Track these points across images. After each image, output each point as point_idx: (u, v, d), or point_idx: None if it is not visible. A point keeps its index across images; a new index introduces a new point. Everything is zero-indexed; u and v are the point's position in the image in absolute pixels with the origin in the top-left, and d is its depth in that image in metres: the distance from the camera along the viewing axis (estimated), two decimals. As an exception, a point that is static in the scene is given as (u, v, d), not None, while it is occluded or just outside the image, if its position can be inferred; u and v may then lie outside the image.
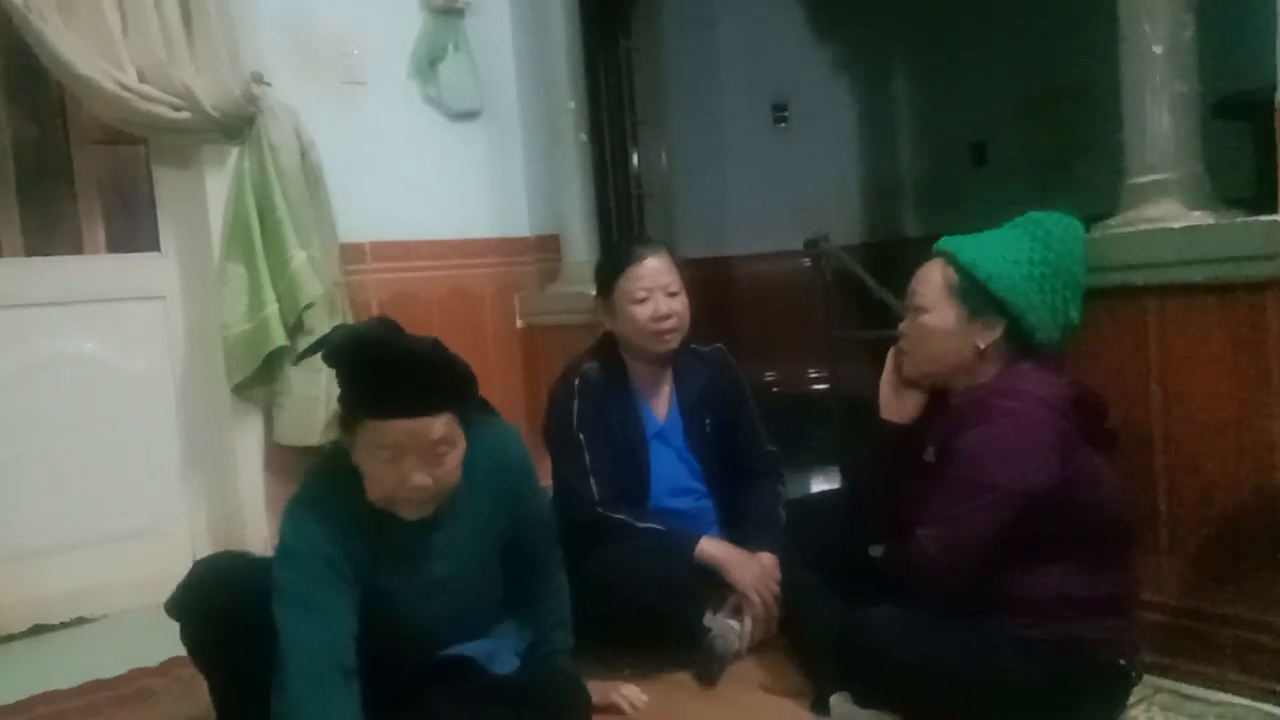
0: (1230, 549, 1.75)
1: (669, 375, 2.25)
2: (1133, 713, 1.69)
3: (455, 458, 1.50)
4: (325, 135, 2.88)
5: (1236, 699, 1.71)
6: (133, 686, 2.17)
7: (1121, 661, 1.61)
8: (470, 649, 1.67)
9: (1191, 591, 1.81)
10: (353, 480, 1.50)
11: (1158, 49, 1.76)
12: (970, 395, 1.65)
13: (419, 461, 1.45)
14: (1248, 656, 1.72)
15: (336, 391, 1.51)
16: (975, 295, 1.63)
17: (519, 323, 3.42)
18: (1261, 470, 1.69)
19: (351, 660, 1.48)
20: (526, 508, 1.72)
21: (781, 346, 4.44)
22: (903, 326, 1.74)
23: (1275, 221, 1.61)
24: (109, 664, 2.26)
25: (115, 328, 2.81)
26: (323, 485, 1.57)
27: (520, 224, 3.45)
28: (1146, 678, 1.73)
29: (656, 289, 2.13)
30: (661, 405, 2.25)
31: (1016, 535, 1.56)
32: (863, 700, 1.63)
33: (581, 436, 2.12)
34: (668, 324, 2.13)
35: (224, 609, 1.55)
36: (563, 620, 1.81)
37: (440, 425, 1.45)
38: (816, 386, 4.52)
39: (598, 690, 1.82)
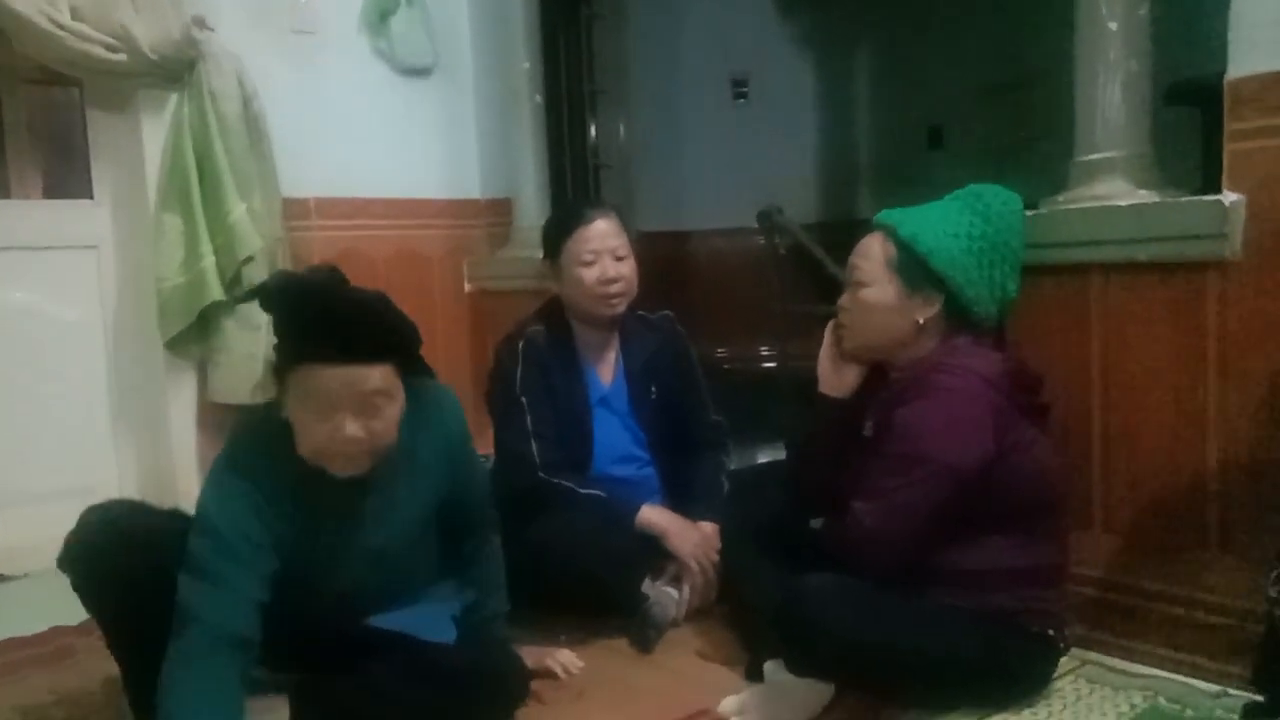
0: (1161, 526, 1.78)
1: (615, 341, 2.23)
2: (1059, 684, 1.70)
3: (392, 413, 1.43)
4: (270, 85, 2.80)
5: (1161, 672, 1.74)
6: (52, 645, 2.11)
7: (1050, 632, 1.63)
8: (403, 617, 1.63)
9: (1121, 566, 1.83)
10: (283, 438, 1.42)
11: (1113, 25, 1.76)
12: (908, 370, 1.65)
13: (353, 413, 1.38)
14: (1174, 631, 1.75)
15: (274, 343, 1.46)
16: (915, 270, 1.62)
17: (467, 286, 3.36)
18: (1195, 450, 1.72)
19: (248, 631, 1.41)
20: (464, 471, 1.67)
21: (734, 323, 4.43)
22: (842, 300, 1.73)
23: (1218, 201, 1.62)
24: (30, 622, 2.19)
25: (45, 277, 2.72)
26: (251, 445, 1.49)
27: (471, 186, 3.38)
28: (1074, 650, 1.75)
29: (604, 252, 2.10)
30: (607, 371, 2.22)
31: (952, 508, 1.56)
32: (798, 668, 1.63)
33: (524, 400, 2.09)
34: (614, 288, 2.10)
35: (113, 561, 1.46)
36: (498, 585, 1.77)
37: (377, 376, 1.39)
38: (767, 364, 4.54)
39: (532, 655, 1.79)
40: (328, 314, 1.38)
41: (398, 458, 1.51)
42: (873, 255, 1.66)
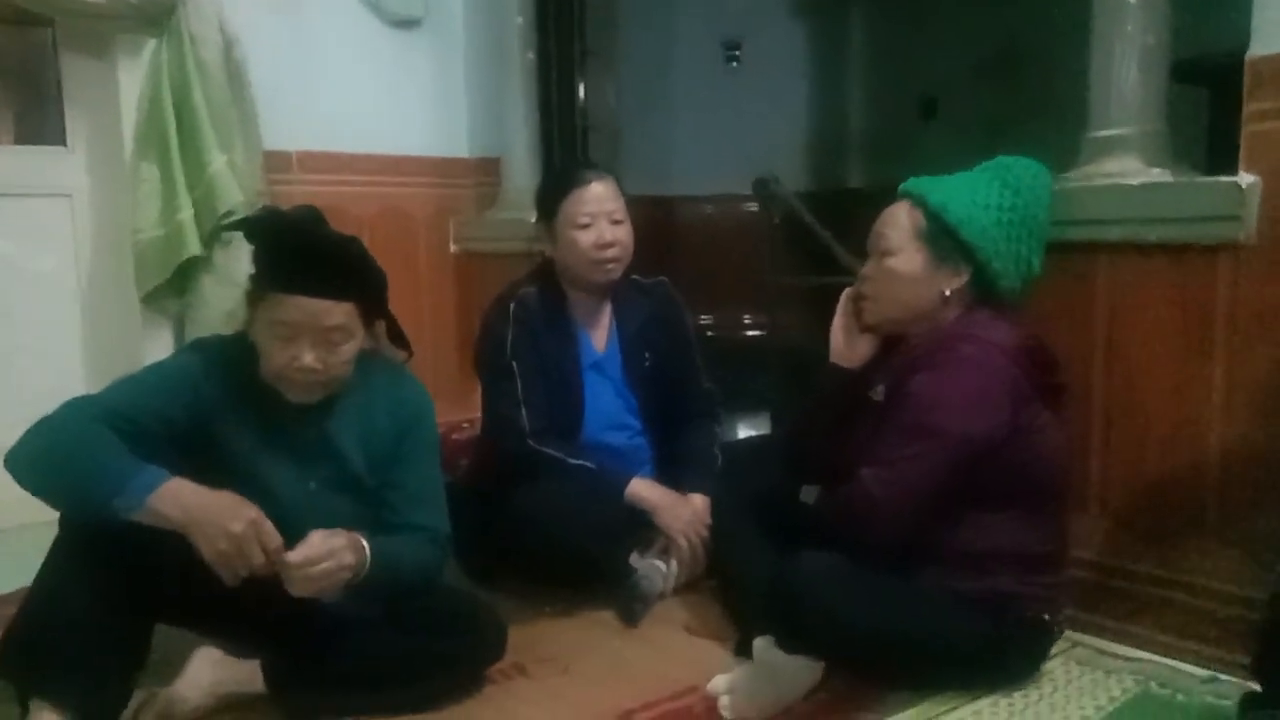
0: (1158, 510, 1.76)
1: (609, 306, 2.18)
2: (1049, 666, 1.69)
3: (348, 350, 1.51)
4: (253, 32, 2.69)
5: (1152, 656, 1.73)
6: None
7: (1046, 617, 1.62)
8: None
9: (1115, 549, 1.82)
10: (251, 356, 1.51)
11: (1132, -1, 1.72)
12: (928, 336, 1.61)
13: (312, 343, 1.46)
14: (1165, 616, 1.74)
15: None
16: (944, 240, 1.59)
17: (453, 247, 3.29)
18: (1196, 435, 1.70)
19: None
20: (410, 449, 1.64)
21: (720, 291, 4.40)
22: (866, 270, 1.69)
23: (1235, 183, 1.59)
24: (1, 579, 2.13)
25: (16, 226, 2.62)
26: (220, 349, 1.58)
27: (459, 144, 3.30)
28: (1065, 632, 1.74)
29: (601, 215, 2.04)
30: (600, 336, 2.17)
31: (960, 482, 1.54)
32: (788, 646, 1.61)
33: (514, 364, 2.04)
34: (610, 253, 2.05)
35: None
36: (404, 566, 1.60)
37: (339, 312, 1.47)
38: (751, 333, 4.50)
39: None
40: (300, 249, 1.47)
41: (353, 410, 1.59)
42: (900, 224, 1.62)
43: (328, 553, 1.42)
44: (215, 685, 1.54)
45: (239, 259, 2.58)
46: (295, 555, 1.39)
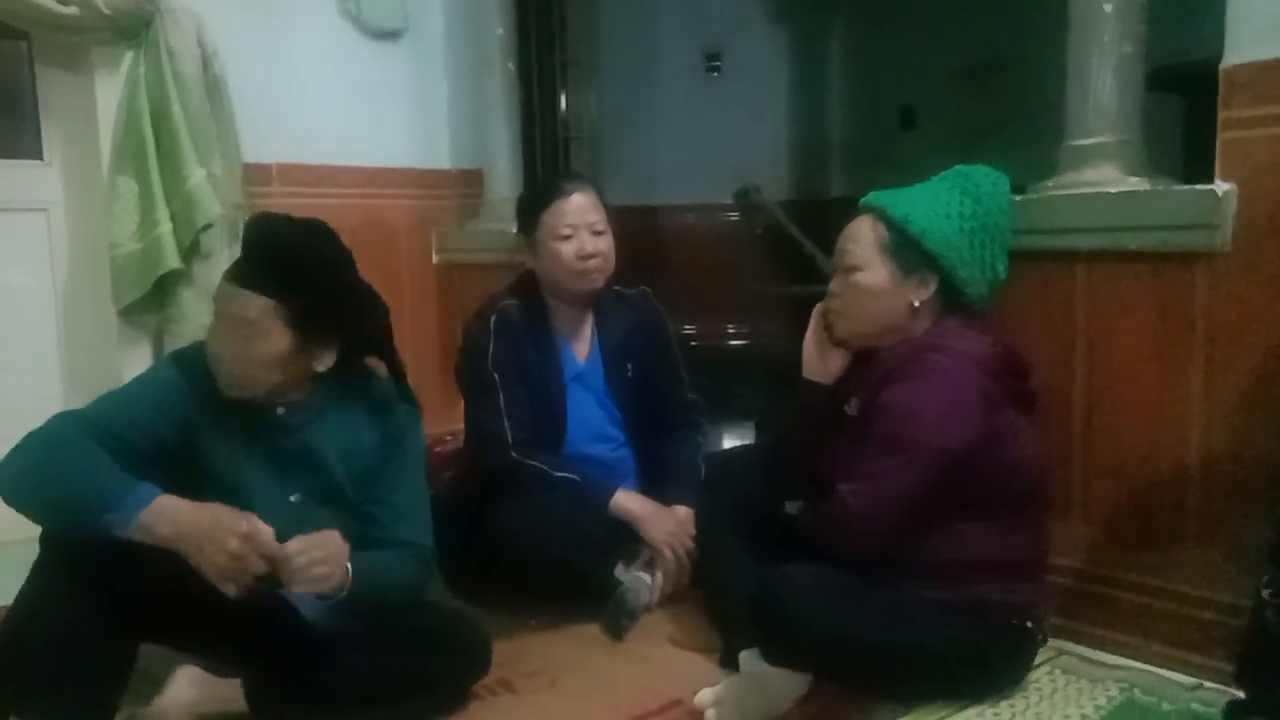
0: (1140, 517, 1.76)
1: (591, 317, 2.17)
2: (1034, 675, 1.70)
3: (261, 351, 1.46)
4: (232, 45, 2.67)
5: (1137, 664, 1.74)
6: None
7: (1029, 624, 1.62)
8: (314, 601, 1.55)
9: (1099, 557, 1.82)
10: None
11: (1108, 7, 1.73)
12: (897, 349, 1.62)
13: (228, 331, 1.47)
14: (1150, 623, 1.75)
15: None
16: (908, 251, 1.59)
17: (435, 259, 3.27)
18: (1177, 442, 1.70)
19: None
20: (396, 466, 1.62)
21: (703, 301, 4.40)
22: (833, 286, 1.69)
23: (1212, 191, 1.60)
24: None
25: (-9, 239, 2.60)
26: (200, 357, 1.57)
27: (441, 156, 3.28)
28: (1050, 641, 1.74)
29: (582, 226, 2.04)
30: (582, 348, 2.17)
31: (936, 493, 1.54)
32: (774, 659, 1.60)
33: (496, 376, 2.03)
34: (592, 263, 2.05)
35: None
36: (386, 580, 1.57)
37: (253, 308, 1.45)
38: (734, 342, 4.51)
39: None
40: (253, 242, 1.51)
41: (335, 421, 1.58)
42: (864, 239, 1.62)
43: (314, 541, 1.41)
44: (196, 704, 1.52)
45: (218, 272, 2.56)
46: (291, 546, 1.38)
